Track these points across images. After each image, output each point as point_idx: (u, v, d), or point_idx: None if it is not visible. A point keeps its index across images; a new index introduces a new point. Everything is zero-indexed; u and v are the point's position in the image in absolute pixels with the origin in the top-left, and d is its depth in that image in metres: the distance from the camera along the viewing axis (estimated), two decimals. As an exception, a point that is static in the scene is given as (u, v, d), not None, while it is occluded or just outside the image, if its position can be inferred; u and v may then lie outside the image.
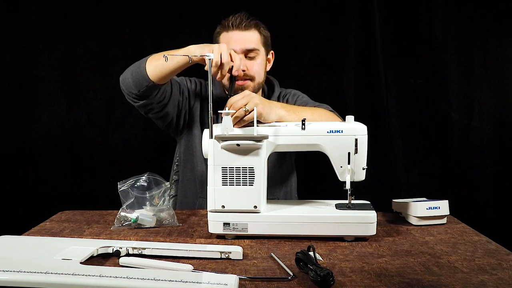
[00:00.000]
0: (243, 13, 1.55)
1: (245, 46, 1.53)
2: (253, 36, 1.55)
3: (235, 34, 1.53)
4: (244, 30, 1.53)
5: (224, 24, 1.56)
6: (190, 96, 1.66)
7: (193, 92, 1.67)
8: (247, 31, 1.54)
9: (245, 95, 1.30)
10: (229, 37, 1.54)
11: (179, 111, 1.62)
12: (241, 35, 1.53)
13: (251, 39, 1.54)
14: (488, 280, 0.94)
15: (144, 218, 1.33)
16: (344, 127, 1.24)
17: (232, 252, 1.08)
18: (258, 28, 1.57)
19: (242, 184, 1.21)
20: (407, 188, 2.18)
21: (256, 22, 1.57)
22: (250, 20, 1.55)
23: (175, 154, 1.86)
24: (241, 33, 1.53)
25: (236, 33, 1.53)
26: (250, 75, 1.56)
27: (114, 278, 0.88)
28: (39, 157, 2.21)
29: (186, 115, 1.65)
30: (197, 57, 1.31)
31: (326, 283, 0.90)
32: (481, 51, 2.16)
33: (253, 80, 1.57)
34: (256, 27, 1.56)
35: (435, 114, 2.18)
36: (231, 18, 1.55)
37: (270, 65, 1.68)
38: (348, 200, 1.26)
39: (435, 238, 1.24)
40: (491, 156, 2.19)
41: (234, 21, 1.54)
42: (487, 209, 2.19)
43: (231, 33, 1.54)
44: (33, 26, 2.15)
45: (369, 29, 2.15)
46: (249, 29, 1.54)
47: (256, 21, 1.57)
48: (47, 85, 2.18)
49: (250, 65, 1.55)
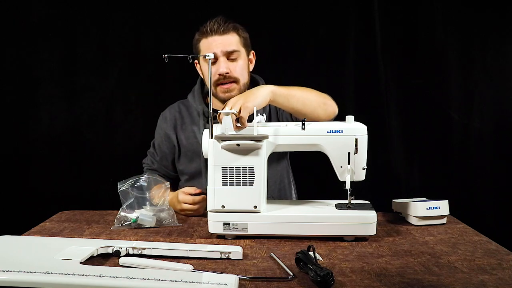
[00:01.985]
0: (220, 18, 1.58)
1: (225, 48, 1.55)
2: (232, 39, 1.57)
3: (215, 39, 1.55)
4: (222, 34, 1.56)
5: (202, 31, 1.58)
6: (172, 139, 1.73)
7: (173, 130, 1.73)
8: (226, 35, 1.56)
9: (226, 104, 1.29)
10: (209, 42, 1.56)
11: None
12: (220, 39, 1.55)
13: (230, 42, 1.56)
14: (488, 280, 0.94)
15: (144, 218, 1.33)
16: (344, 127, 1.24)
17: (232, 252, 1.08)
18: (236, 30, 1.59)
19: (242, 184, 1.21)
20: (407, 188, 2.18)
21: (234, 25, 1.59)
22: (228, 24, 1.57)
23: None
24: (220, 38, 1.55)
25: (215, 38, 1.55)
26: (234, 76, 1.57)
27: (114, 278, 0.88)
28: (39, 157, 2.20)
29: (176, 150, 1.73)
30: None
31: (326, 283, 0.90)
32: (481, 51, 2.16)
33: (238, 82, 1.59)
34: (234, 30, 1.59)
35: (435, 114, 2.18)
36: (209, 24, 1.57)
37: (253, 65, 1.70)
38: (348, 200, 1.26)
39: (435, 238, 1.24)
40: (491, 156, 2.19)
41: (212, 26, 1.56)
42: (487, 209, 2.19)
43: (211, 39, 1.56)
44: (33, 26, 2.15)
45: (369, 29, 2.15)
46: (228, 32, 1.56)
47: (233, 24, 1.59)
48: (47, 85, 2.18)
49: (232, 67, 1.57)
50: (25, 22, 2.14)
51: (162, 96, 2.22)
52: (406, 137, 2.19)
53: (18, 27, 2.14)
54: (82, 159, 2.22)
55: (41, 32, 2.15)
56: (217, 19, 1.57)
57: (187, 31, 2.21)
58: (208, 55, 1.26)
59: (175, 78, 2.16)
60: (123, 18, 2.17)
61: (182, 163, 1.70)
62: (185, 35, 2.21)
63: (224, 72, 1.53)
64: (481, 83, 2.17)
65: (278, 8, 2.12)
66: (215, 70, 1.54)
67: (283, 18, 2.13)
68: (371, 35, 2.15)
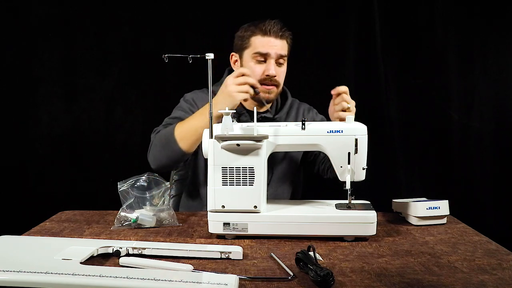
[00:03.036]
0: (278, 21, 1.61)
1: (279, 51, 1.58)
2: (284, 45, 1.61)
3: (271, 40, 1.58)
4: (279, 38, 1.58)
5: (260, 28, 1.59)
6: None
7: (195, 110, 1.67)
8: (281, 40, 1.59)
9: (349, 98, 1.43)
10: (265, 41, 1.58)
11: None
12: (276, 42, 1.58)
13: (283, 46, 1.60)
14: (488, 280, 0.94)
15: (144, 218, 1.33)
16: (344, 127, 1.24)
17: (232, 252, 1.08)
18: (287, 38, 1.62)
19: (242, 184, 1.21)
20: (407, 188, 2.18)
21: (288, 33, 1.62)
22: (285, 30, 1.60)
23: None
24: (276, 40, 1.58)
25: (272, 40, 1.58)
26: (278, 81, 1.60)
27: (114, 278, 0.88)
28: (39, 157, 2.21)
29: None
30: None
31: (326, 283, 0.90)
32: (481, 51, 2.17)
33: (278, 87, 1.62)
34: (288, 38, 1.62)
35: (435, 114, 2.18)
36: (268, 24, 1.58)
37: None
38: (348, 200, 1.26)
39: (435, 238, 1.24)
40: (491, 156, 2.19)
41: (272, 27, 1.58)
42: (487, 209, 2.19)
43: (267, 39, 1.58)
44: (33, 26, 2.15)
45: (369, 29, 2.15)
46: (283, 38, 1.60)
47: (289, 32, 1.62)
48: (47, 85, 2.18)
49: (278, 71, 1.60)
50: (25, 22, 2.14)
51: (162, 96, 2.22)
52: (406, 137, 2.20)
53: (18, 27, 2.15)
54: (82, 159, 2.22)
55: (41, 32, 2.16)
56: (275, 22, 1.59)
57: (187, 31, 2.21)
58: (208, 55, 1.26)
59: (175, 78, 2.16)
60: (123, 18, 2.18)
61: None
62: (185, 35, 2.21)
63: (273, 74, 1.56)
64: (481, 83, 2.17)
65: (278, 8, 2.12)
66: (263, 70, 1.57)
67: (283, 18, 2.12)
68: (371, 35, 2.15)
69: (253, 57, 1.59)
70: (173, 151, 1.48)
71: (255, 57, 1.58)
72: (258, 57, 1.58)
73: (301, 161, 1.73)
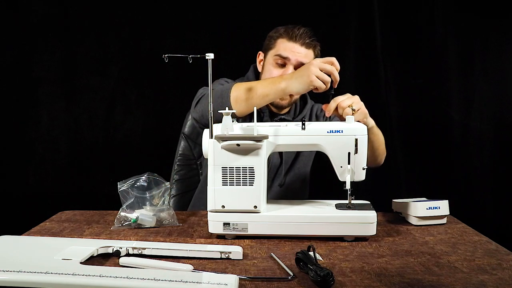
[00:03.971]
0: (309, 30, 1.59)
1: (301, 59, 1.56)
2: (310, 54, 1.59)
3: (296, 46, 1.56)
4: (305, 47, 1.57)
5: (288, 32, 1.58)
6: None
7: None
8: (307, 48, 1.57)
9: (349, 96, 1.35)
10: (288, 46, 1.57)
11: None
12: (301, 49, 1.56)
13: (307, 55, 1.57)
14: (488, 280, 0.94)
15: (144, 218, 1.33)
16: (344, 127, 1.24)
17: (232, 252, 1.08)
18: (315, 48, 1.60)
19: (242, 184, 1.21)
20: (407, 188, 2.18)
21: (316, 43, 1.60)
22: (313, 40, 1.58)
23: (176, 154, 1.86)
24: (301, 48, 1.56)
25: (297, 46, 1.56)
26: None
27: (114, 278, 0.88)
28: (39, 157, 2.21)
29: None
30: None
31: (326, 283, 0.90)
32: (481, 51, 2.16)
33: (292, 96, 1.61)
34: (314, 48, 1.60)
35: (435, 114, 2.18)
36: (298, 31, 1.57)
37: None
38: (348, 200, 1.26)
39: (435, 238, 1.24)
40: (491, 156, 2.19)
41: (300, 34, 1.56)
42: (487, 209, 2.19)
43: (293, 44, 1.56)
44: (33, 26, 2.15)
45: (369, 29, 2.15)
46: (309, 47, 1.58)
47: (316, 42, 1.60)
48: (47, 85, 2.18)
49: None
50: (25, 22, 2.14)
51: (162, 96, 2.22)
52: (406, 137, 2.19)
53: (18, 27, 2.15)
54: (82, 159, 2.22)
55: (41, 32, 2.16)
56: (305, 30, 1.57)
57: (187, 31, 2.21)
58: (208, 55, 1.26)
59: (175, 78, 2.16)
60: (123, 18, 2.18)
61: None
62: (185, 35, 2.21)
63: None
64: (481, 83, 2.17)
65: (278, 8, 2.12)
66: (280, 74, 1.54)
67: (283, 18, 2.12)
68: (371, 35, 2.15)
69: (274, 59, 1.58)
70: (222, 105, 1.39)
71: (276, 59, 1.57)
72: (278, 60, 1.57)
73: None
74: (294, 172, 1.67)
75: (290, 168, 1.67)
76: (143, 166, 1.82)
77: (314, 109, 1.75)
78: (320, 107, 1.75)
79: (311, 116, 1.73)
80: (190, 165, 1.86)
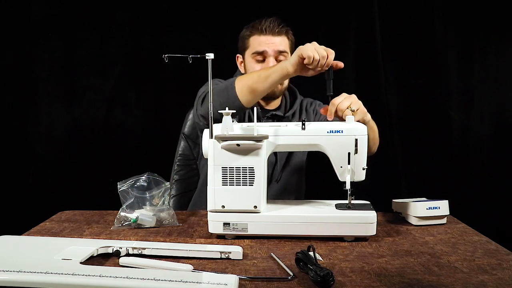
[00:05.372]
0: (275, 18, 1.60)
1: (277, 48, 1.58)
2: (283, 41, 1.60)
3: (268, 38, 1.58)
4: (276, 35, 1.58)
5: (255, 27, 1.60)
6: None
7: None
8: (279, 36, 1.59)
9: (346, 96, 1.35)
10: (261, 40, 1.59)
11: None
12: (273, 39, 1.58)
13: (281, 43, 1.59)
14: (488, 280, 0.94)
15: (144, 218, 1.33)
16: (344, 127, 1.24)
17: (232, 252, 1.08)
18: (287, 33, 1.62)
19: (242, 184, 1.21)
20: (407, 188, 2.18)
21: (287, 29, 1.62)
22: (282, 26, 1.60)
23: (176, 154, 1.86)
24: (273, 38, 1.58)
25: (269, 37, 1.58)
26: None
27: (114, 278, 0.88)
28: (39, 157, 2.21)
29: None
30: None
31: (326, 283, 0.90)
32: (481, 51, 2.17)
33: (282, 83, 1.61)
34: (286, 33, 1.62)
35: (435, 114, 2.18)
36: (264, 23, 1.59)
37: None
38: (348, 200, 1.25)
39: (435, 238, 1.24)
40: (491, 156, 2.19)
41: (267, 25, 1.58)
42: (487, 209, 2.19)
43: (264, 37, 1.59)
44: (33, 26, 2.15)
45: (369, 29, 2.15)
46: (281, 34, 1.60)
47: (286, 28, 1.62)
48: (47, 85, 2.18)
49: None
50: (25, 22, 2.14)
51: (162, 96, 2.22)
52: (406, 137, 2.20)
53: (18, 27, 2.15)
54: (82, 159, 2.22)
55: (41, 32, 2.15)
56: (272, 19, 1.59)
57: (187, 31, 2.21)
58: (208, 55, 1.26)
59: (175, 78, 2.16)
60: (123, 18, 2.18)
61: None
62: (185, 35, 2.21)
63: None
64: (481, 83, 2.17)
65: (278, 8, 2.12)
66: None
67: (283, 18, 2.13)
68: (371, 35, 2.15)
69: (252, 57, 1.59)
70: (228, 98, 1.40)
71: (254, 57, 1.59)
72: (256, 57, 1.58)
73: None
74: (291, 168, 1.68)
75: (285, 164, 1.67)
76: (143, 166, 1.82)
77: (304, 103, 1.75)
78: (309, 101, 1.76)
79: (301, 110, 1.73)
80: (190, 165, 1.86)
